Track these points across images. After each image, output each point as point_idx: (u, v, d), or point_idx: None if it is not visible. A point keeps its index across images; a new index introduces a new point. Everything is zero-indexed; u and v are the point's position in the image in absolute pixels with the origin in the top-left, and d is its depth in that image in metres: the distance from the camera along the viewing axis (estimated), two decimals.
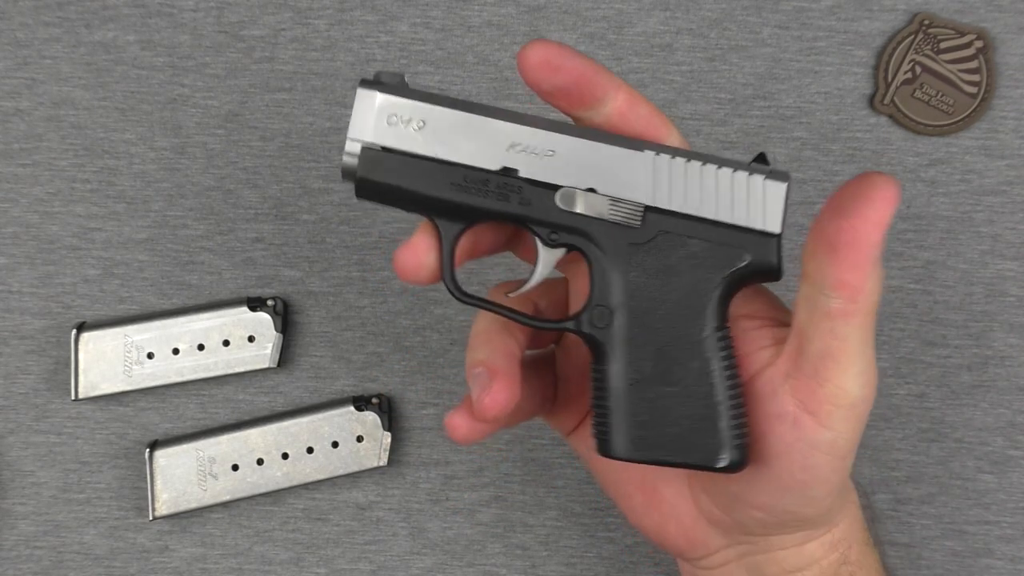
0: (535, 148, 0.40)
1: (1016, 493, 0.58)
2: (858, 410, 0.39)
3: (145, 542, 0.58)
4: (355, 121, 0.40)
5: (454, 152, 0.40)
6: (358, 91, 0.40)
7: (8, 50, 0.59)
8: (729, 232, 0.40)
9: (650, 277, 0.40)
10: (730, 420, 0.40)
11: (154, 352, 0.57)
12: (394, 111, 0.40)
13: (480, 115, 0.40)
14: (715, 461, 0.40)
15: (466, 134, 0.40)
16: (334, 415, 0.57)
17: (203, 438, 0.57)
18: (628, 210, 0.40)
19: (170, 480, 0.56)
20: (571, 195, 0.40)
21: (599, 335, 0.41)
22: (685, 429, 0.40)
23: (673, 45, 0.60)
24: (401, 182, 0.40)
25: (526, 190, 0.40)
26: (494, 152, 0.40)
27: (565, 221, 0.40)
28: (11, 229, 0.59)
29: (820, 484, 0.40)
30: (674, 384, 0.40)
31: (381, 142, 0.40)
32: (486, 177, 0.40)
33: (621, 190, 0.40)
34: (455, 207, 0.40)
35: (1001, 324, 0.59)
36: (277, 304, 0.57)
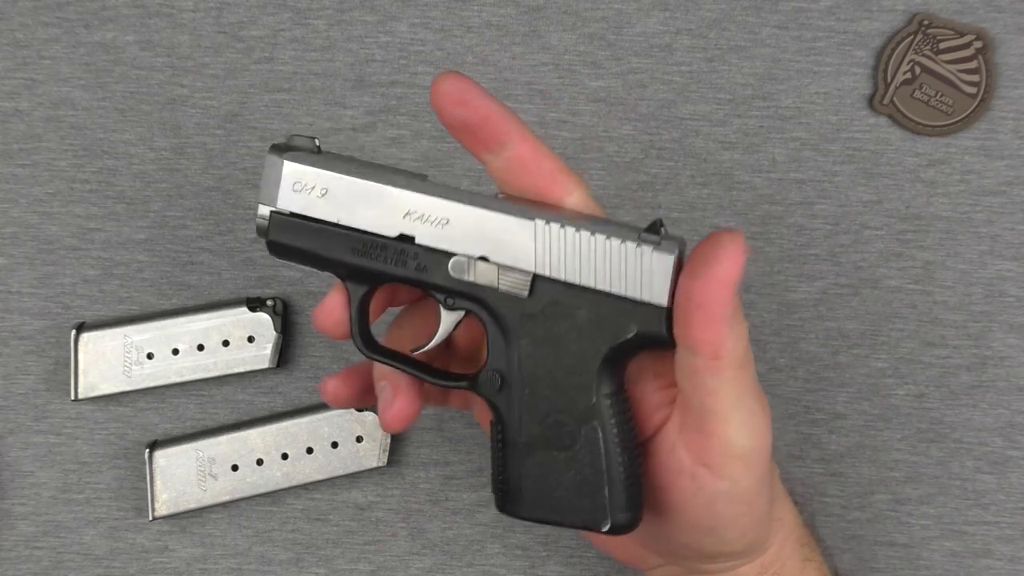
0: (430, 216, 0.41)
1: (1015, 493, 0.58)
2: (750, 458, 0.40)
3: (145, 542, 0.58)
4: (264, 186, 0.42)
5: (354, 219, 0.41)
6: (267, 157, 0.42)
7: (7, 50, 0.59)
8: (616, 303, 0.40)
9: (539, 346, 0.41)
10: (619, 484, 0.41)
11: (153, 352, 0.57)
12: (299, 179, 0.41)
13: (380, 183, 0.41)
14: (600, 525, 0.41)
15: (366, 202, 0.41)
16: (334, 415, 0.57)
17: (203, 438, 0.57)
18: (517, 279, 0.41)
19: (170, 480, 0.56)
20: (461, 264, 0.41)
21: (492, 398, 0.42)
22: (572, 493, 0.41)
23: (672, 45, 0.60)
24: (307, 245, 0.42)
25: (422, 256, 0.41)
26: (392, 220, 0.41)
27: (458, 288, 0.41)
28: (10, 229, 0.59)
29: (728, 528, 0.42)
30: (562, 449, 0.41)
31: (288, 207, 0.42)
32: (384, 243, 0.41)
33: (510, 259, 0.41)
34: (357, 270, 0.42)
35: (1000, 324, 0.59)
36: (277, 304, 0.57)
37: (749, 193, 0.59)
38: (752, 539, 0.43)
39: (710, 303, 0.37)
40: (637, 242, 0.40)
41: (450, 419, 0.59)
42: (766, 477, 0.42)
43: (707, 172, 0.59)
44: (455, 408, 0.50)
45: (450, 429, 0.59)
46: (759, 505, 0.42)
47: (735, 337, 0.38)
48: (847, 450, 0.58)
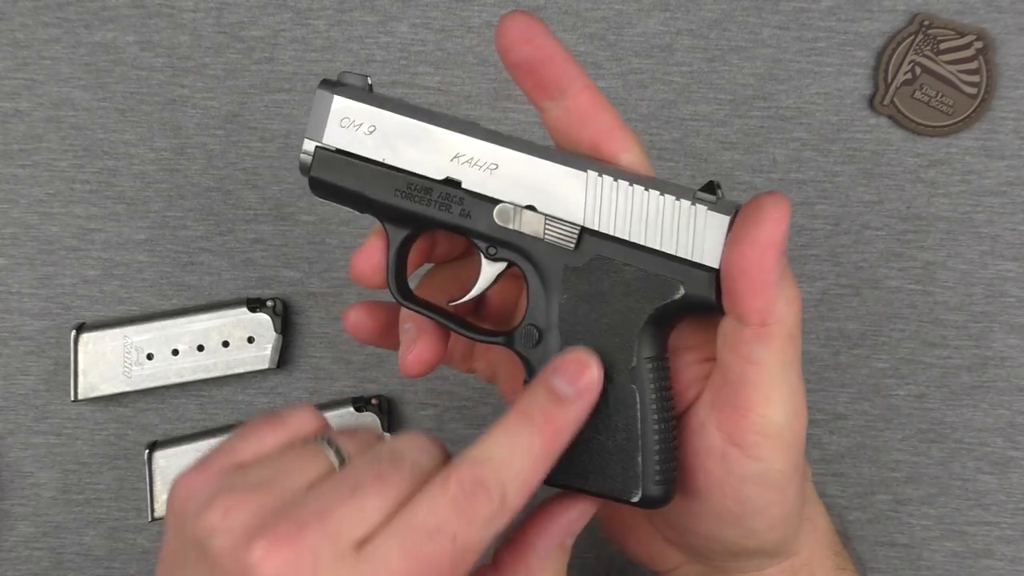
0: (479, 161, 0.40)
1: (1016, 494, 0.58)
2: (786, 438, 0.38)
3: (144, 543, 0.58)
4: (311, 121, 0.41)
5: (400, 159, 0.40)
6: (317, 92, 0.40)
7: (8, 51, 0.59)
8: (665, 262, 0.39)
9: (581, 301, 0.40)
10: (653, 455, 0.39)
11: (153, 353, 0.57)
12: (347, 115, 0.40)
13: (429, 123, 0.40)
14: (629, 495, 0.39)
15: (413, 142, 0.40)
16: (334, 416, 0.57)
17: (203, 439, 0.57)
18: (563, 231, 0.40)
19: (170, 481, 0.56)
20: (507, 212, 0.40)
21: (528, 354, 0.40)
22: (603, 459, 0.39)
23: (673, 46, 0.60)
24: (349, 184, 0.40)
25: (467, 202, 0.40)
26: (439, 162, 0.40)
27: (502, 236, 0.40)
28: (10, 230, 0.59)
29: (757, 517, 0.39)
30: (597, 412, 0.39)
31: (334, 144, 0.40)
32: (429, 186, 0.40)
33: (558, 209, 0.39)
34: (399, 212, 0.41)
35: (1001, 325, 0.59)
36: (277, 305, 0.57)
37: (750, 193, 0.59)
38: (780, 535, 0.41)
39: (754, 268, 0.36)
40: (692, 200, 0.39)
41: (450, 420, 0.59)
42: (800, 465, 0.39)
43: (708, 172, 0.59)
44: (481, 376, 0.48)
45: (450, 430, 0.59)
46: (791, 495, 0.39)
47: (785, 302, 0.36)
48: (848, 450, 0.58)
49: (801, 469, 0.40)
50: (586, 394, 0.37)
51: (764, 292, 0.36)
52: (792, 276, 0.38)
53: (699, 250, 0.39)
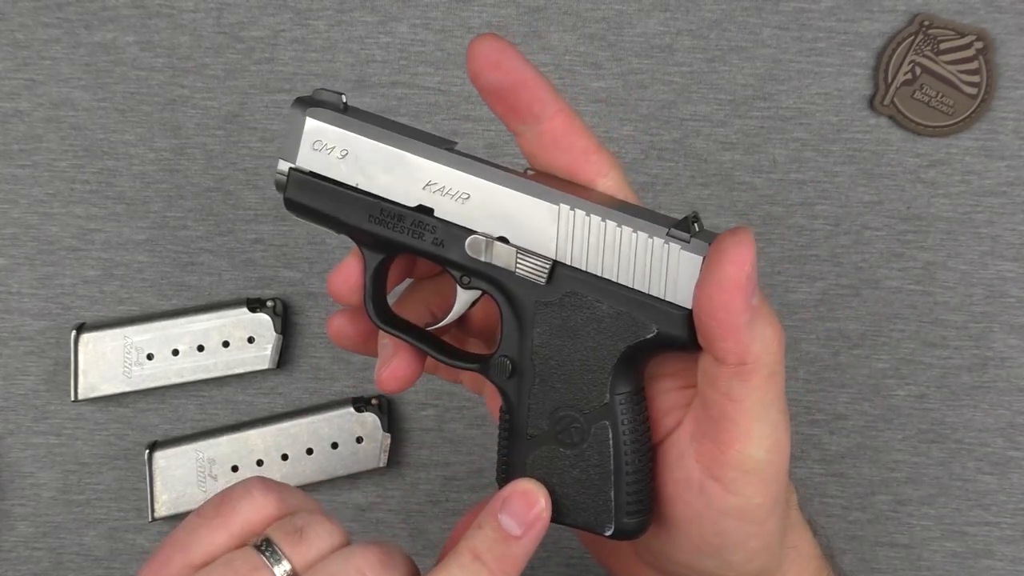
0: (451, 190, 0.39)
1: (1016, 494, 0.58)
2: (765, 474, 0.37)
3: (145, 543, 0.58)
4: (285, 142, 0.40)
5: (373, 184, 0.39)
6: (289, 111, 0.40)
7: (8, 51, 0.59)
8: (638, 300, 0.38)
9: (554, 335, 0.39)
10: (625, 488, 0.39)
11: (153, 353, 0.57)
12: (319, 137, 0.39)
13: (403, 149, 0.39)
14: (603, 528, 0.39)
15: (386, 168, 0.39)
16: (334, 416, 0.57)
17: (203, 439, 0.57)
18: (535, 264, 0.39)
19: (170, 481, 0.56)
20: (479, 243, 0.39)
21: (502, 384, 0.40)
22: (576, 491, 0.39)
23: (673, 46, 0.60)
24: (323, 207, 0.40)
25: (440, 230, 0.39)
26: (411, 189, 0.39)
27: (475, 267, 0.39)
28: (10, 230, 0.59)
29: (736, 549, 0.39)
30: (570, 446, 0.39)
31: (307, 166, 0.40)
32: (402, 212, 0.39)
33: (530, 242, 0.39)
34: (373, 238, 0.40)
35: (1001, 325, 0.59)
36: (277, 305, 0.57)
37: (750, 194, 0.59)
38: (759, 566, 0.40)
39: (721, 312, 0.35)
40: (665, 239, 0.38)
41: (450, 420, 0.59)
42: (781, 498, 0.39)
43: (708, 173, 0.59)
44: (467, 387, 0.48)
45: (450, 430, 0.59)
46: (771, 527, 0.39)
47: (760, 342, 0.36)
48: (848, 451, 0.58)
49: (782, 501, 0.39)
50: (535, 527, 0.38)
51: (735, 335, 0.36)
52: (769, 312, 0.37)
53: (672, 289, 0.38)
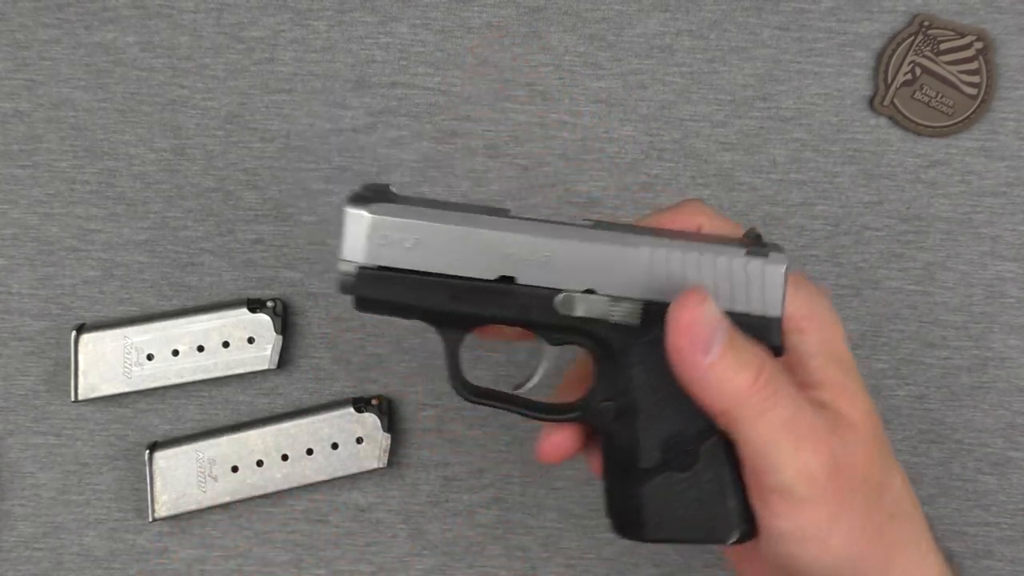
0: (530, 255, 0.40)
1: (1016, 494, 0.58)
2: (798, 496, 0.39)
3: (145, 544, 0.58)
4: (347, 242, 0.40)
5: (449, 266, 0.40)
6: (347, 211, 0.40)
7: (8, 51, 0.59)
8: (731, 319, 0.39)
9: (653, 371, 0.40)
10: (738, 496, 0.40)
11: (154, 354, 0.57)
12: (385, 231, 0.40)
13: (472, 226, 0.40)
14: (727, 537, 0.40)
15: (460, 248, 0.40)
16: (334, 416, 0.57)
17: (203, 439, 0.57)
18: (628, 308, 0.40)
19: (170, 482, 0.56)
20: (570, 300, 0.40)
21: (607, 427, 0.41)
22: (695, 510, 0.40)
23: (673, 46, 0.60)
24: (399, 297, 0.40)
25: (525, 296, 0.40)
26: (489, 262, 0.40)
27: (565, 324, 0.40)
28: (11, 231, 0.59)
29: (811, 566, 0.40)
30: (684, 469, 0.40)
31: (376, 262, 0.40)
32: (483, 287, 0.40)
33: (619, 289, 0.40)
34: (456, 316, 0.40)
35: (1001, 325, 0.59)
36: (277, 305, 0.57)
37: (750, 194, 0.59)
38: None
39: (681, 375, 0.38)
40: (746, 257, 0.40)
41: (450, 420, 0.59)
42: (841, 513, 0.39)
43: (708, 173, 0.59)
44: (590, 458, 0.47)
45: (450, 431, 0.59)
46: (837, 543, 0.39)
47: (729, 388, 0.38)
48: None
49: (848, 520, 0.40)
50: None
51: (701, 393, 0.38)
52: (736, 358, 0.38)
53: (759, 302, 0.40)
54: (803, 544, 0.39)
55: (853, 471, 0.40)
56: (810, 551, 0.39)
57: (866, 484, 0.41)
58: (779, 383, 0.39)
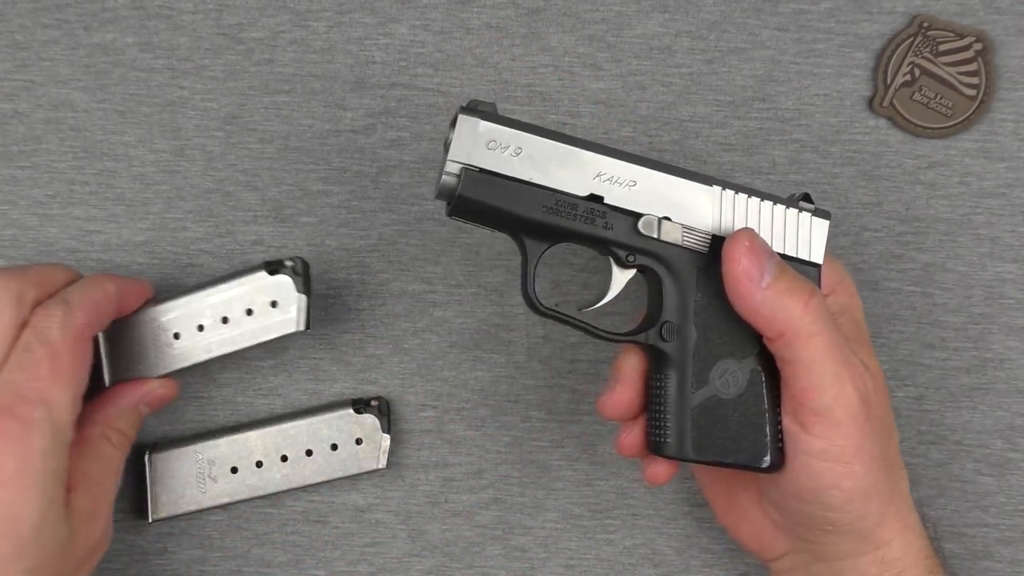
0: (619, 179, 0.45)
1: (1015, 496, 0.58)
2: (836, 417, 0.43)
3: (144, 544, 0.58)
4: (457, 144, 0.44)
5: (548, 178, 0.44)
6: (460, 117, 0.44)
7: (7, 52, 0.59)
8: None
9: (712, 298, 0.46)
10: (774, 426, 0.46)
11: (180, 332, 0.55)
12: (494, 137, 0.44)
13: (570, 145, 0.45)
14: (760, 462, 0.46)
15: (559, 162, 0.44)
16: (333, 417, 0.57)
17: (202, 440, 0.57)
18: (698, 238, 0.45)
19: (169, 483, 0.56)
20: (651, 222, 0.45)
21: (665, 347, 0.46)
22: (736, 433, 0.46)
23: (672, 47, 0.60)
24: (497, 202, 0.44)
25: (610, 216, 0.45)
26: (583, 180, 0.45)
27: (643, 245, 0.45)
28: (10, 231, 0.59)
29: (831, 490, 0.44)
30: (729, 393, 0.45)
31: (481, 164, 0.44)
32: (575, 202, 0.45)
33: (692, 220, 0.46)
34: (546, 228, 0.45)
35: (1000, 327, 0.59)
36: (296, 264, 0.55)
37: None
38: (858, 512, 0.45)
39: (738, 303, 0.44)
40: (799, 209, 0.46)
41: (450, 421, 0.59)
42: (865, 444, 0.44)
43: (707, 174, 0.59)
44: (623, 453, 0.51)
45: (450, 431, 0.59)
46: (858, 470, 0.44)
47: (784, 313, 0.43)
48: None
49: (867, 449, 0.44)
50: None
51: (757, 318, 0.44)
52: (789, 286, 0.44)
53: (805, 249, 0.46)
54: (831, 466, 0.44)
55: (876, 411, 0.45)
56: (836, 472, 0.44)
57: (883, 425, 0.46)
58: (826, 312, 0.44)
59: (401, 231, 0.59)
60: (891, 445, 0.48)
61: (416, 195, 0.58)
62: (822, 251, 0.46)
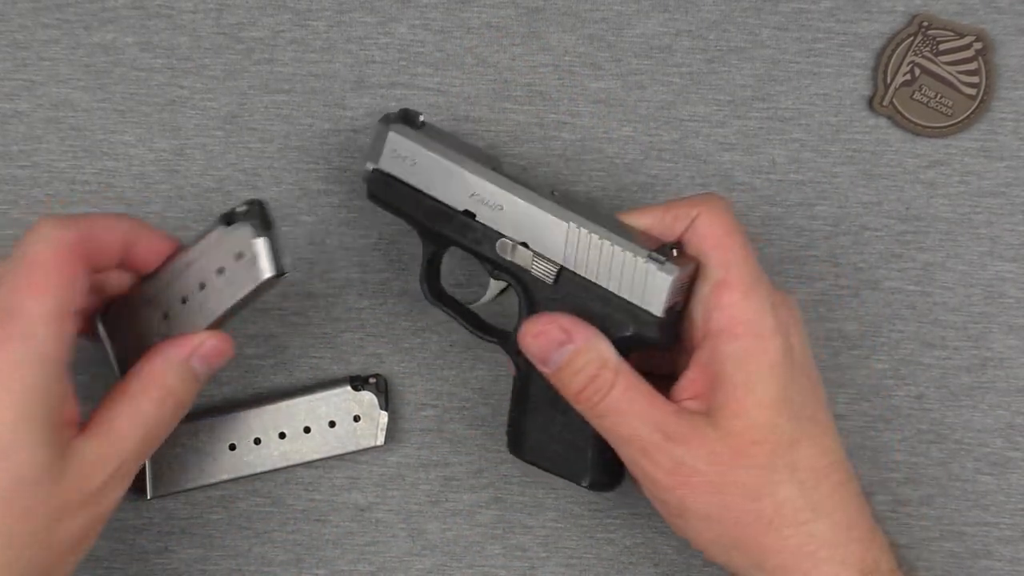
0: (489, 201, 0.50)
1: (1015, 495, 0.58)
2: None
3: (145, 544, 0.58)
4: (371, 148, 0.52)
5: (433, 190, 0.51)
6: (376, 126, 0.52)
7: (7, 52, 0.59)
8: (620, 304, 0.48)
9: None
10: (602, 450, 0.49)
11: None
12: (397, 148, 0.51)
13: (456, 164, 0.50)
14: (581, 480, 0.51)
15: (443, 177, 0.50)
16: (331, 395, 0.57)
17: (200, 418, 0.56)
18: (546, 268, 0.49)
19: (167, 460, 0.56)
20: (506, 245, 0.50)
21: (515, 358, 0.51)
22: (564, 448, 0.51)
23: (672, 47, 0.60)
24: (394, 201, 0.52)
25: (479, 231, 0.50)
26: (461, 196, 0.50)
27: (502, 263, 0.50)
28: (10, 231, 0.59)
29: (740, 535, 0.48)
30: (561, 412, 0.50)
31: (385, 168, 0.51)
32: (451, 214, 0.51)
33: (545, 248, 0.49)
34: (430, 232, 0.52)
35: (1000, 326, 0.59)
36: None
37: (749, 194, 0.59)
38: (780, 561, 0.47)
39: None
40: (647, 258, 0.47)
41: (450, 420, 0.59)
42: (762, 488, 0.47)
43: (707, 174, 0.59)
44: None
45: (450, 430, 0.59)
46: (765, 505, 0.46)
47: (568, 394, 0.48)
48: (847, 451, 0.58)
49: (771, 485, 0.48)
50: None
51: None
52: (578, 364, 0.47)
53: (647, 300, 0.48)
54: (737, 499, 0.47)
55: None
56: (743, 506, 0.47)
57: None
58: (607, 396, 0.46)
59: (401, 230, 0.59)
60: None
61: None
62: (661, 304, 0.47)
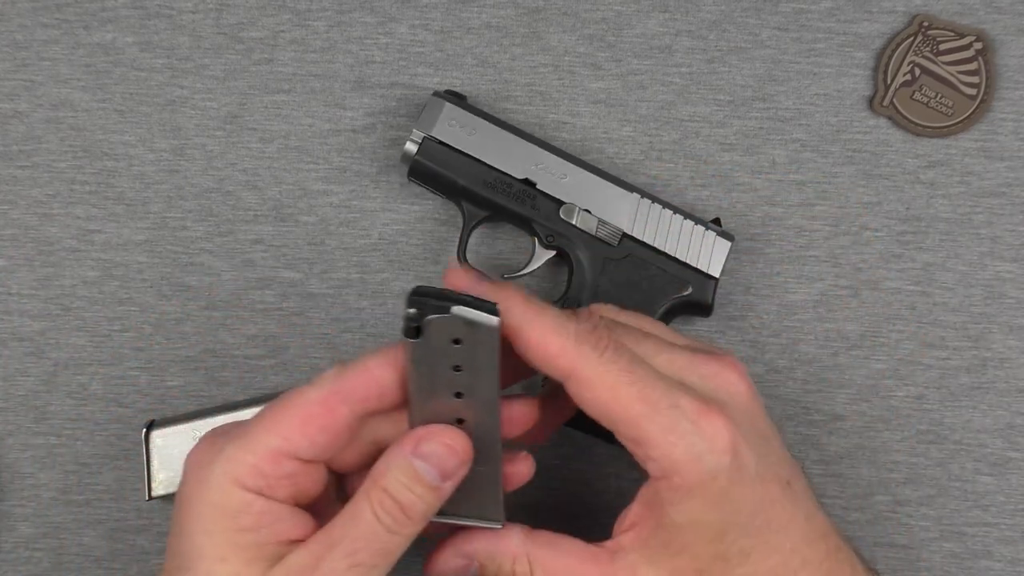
0: (552, 169, 0.53)
1: (1015, 495, 0.58)
2: None
3: (145, 544, 0.58)
4: (423, 117, 0.54)
5: (491, 158, 0.53)
6: (430, 98, 0.54)
7: (6, 52, 0.59)
8: (681, 267, 0.53)
9: (615, 287, 0.53)
10: None
11: None
12: (455, 117, 0.54)
13: (517, 136, 0.53)
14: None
15: (503, 147, 0.53)
16: None
17: (200, 418, 0.56)
18: (610, 232, 0.53)
19: (167, 460, 0.56)
20: (571, 209, 0.53)
21: None
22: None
23: (672, 47, 0.60)
24: (448, 171, 0.53)
25: (539, 199, 0.53)
26: (521, 165, 0.53)
27: (561, 228, 0.53)
28: (10, 231, 0.59)
29: None
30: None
31: (439, 136, 0.53)
32: (511, 182, 0.53)
33: (609, 216, 0.53)
34: (483, 199, 0.54)
35: (1000, 326, 0.59)
36: None
37: (749, 194, 0.59)
38: None
39: None
40: (705, 227, 0.54)
41: None
42: None
43: (707, 174, 0.59)
44: None
45: None
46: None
47: None
48: (847, 451, 0.58)
49: None
50: None
51: None
52: None
53: (707, 263, 0.54)
54: None
55: None
56: None
57: None
58: None
59: (401, 230, 0.59)
60: None
61: (416, 194, 0.58)
62: (720, 267, 0.53)
